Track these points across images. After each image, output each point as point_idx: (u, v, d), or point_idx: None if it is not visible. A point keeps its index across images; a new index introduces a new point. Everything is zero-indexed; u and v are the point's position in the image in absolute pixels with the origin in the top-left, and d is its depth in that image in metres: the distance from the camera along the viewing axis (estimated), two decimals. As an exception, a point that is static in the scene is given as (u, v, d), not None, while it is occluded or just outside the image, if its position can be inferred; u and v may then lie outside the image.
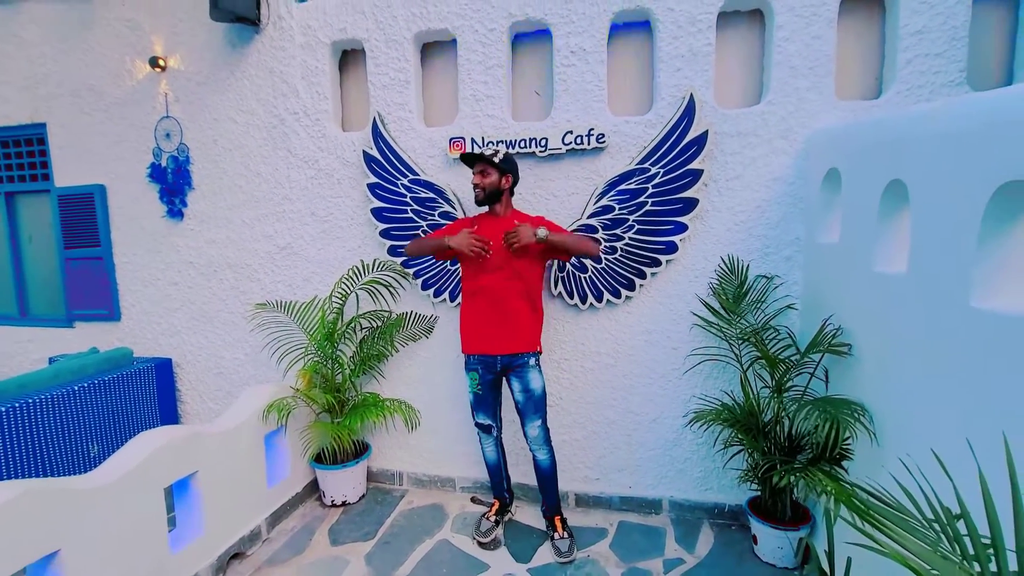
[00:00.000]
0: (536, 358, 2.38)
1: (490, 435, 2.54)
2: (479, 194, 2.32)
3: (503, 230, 2.27)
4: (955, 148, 1.41)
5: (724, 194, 2.50)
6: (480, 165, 2.31)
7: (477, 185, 2.31)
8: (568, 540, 2.42)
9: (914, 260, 1.59)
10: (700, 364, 2.57)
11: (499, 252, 2.29)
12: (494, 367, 2.37)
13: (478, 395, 2.45)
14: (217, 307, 3.30)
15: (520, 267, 2.30)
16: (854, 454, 1.95)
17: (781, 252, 2.47)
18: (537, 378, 2.36)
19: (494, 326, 2.33)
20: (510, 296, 2.31)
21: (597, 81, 2.55)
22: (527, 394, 2.36)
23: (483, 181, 2.30)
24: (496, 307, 2.32)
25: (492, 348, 2.34)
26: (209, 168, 3.18)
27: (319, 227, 3.02)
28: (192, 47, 3.12)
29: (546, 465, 2.45)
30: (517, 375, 2.36)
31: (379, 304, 2.93)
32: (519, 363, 2.35)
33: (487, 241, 2.25)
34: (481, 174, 2.30)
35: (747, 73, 2.55)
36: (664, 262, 2.55)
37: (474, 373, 2.42)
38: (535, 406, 2.38)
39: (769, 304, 2.45)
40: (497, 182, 2.32)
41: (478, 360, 2.40)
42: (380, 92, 2.82)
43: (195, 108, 3.16)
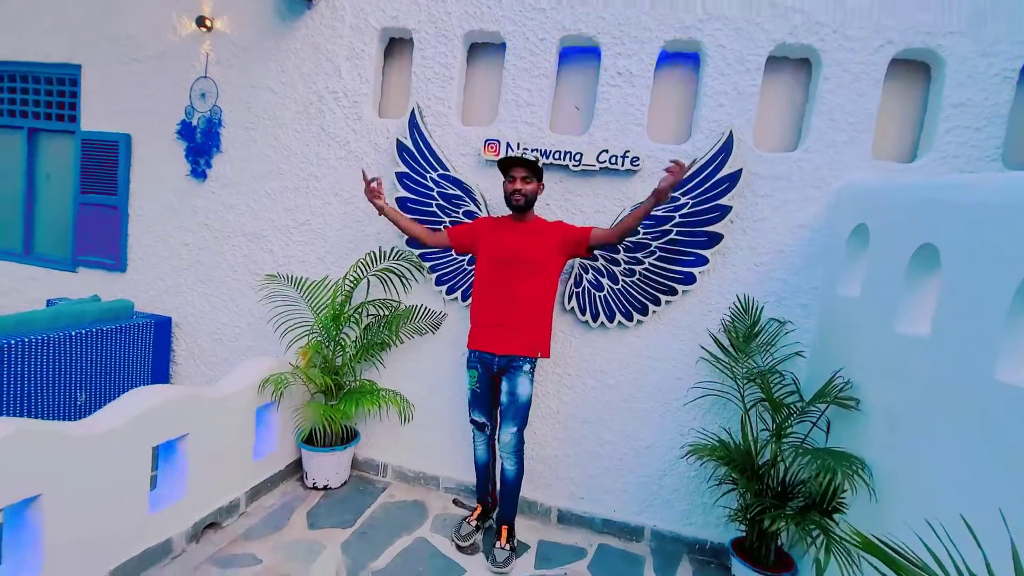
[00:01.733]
0: (531, 364, 2.36)
1: (483, 433, 2.54)
2: (520, 200, 2.30)
3: (531, 234, 2.31)
4: (993, 220, 1.42)
5: (749, 233, 2.51)
6: (524, 170, 2.29)
7: (519, 191, 2.29)
8: (508, 552, 2.38)
9: (939, 325, 1.60)
10: (702, 397, 2.56)
11: (514, 250, 2.30)
12: (491, 366, 2.38)
13: (476, 392, 2.46)
14: (225, 273, 3.27)
15: (535, 265, 2.30)
16: (848, 508, 1.95)
17: (798, 299, 2.48)
18: (525, 385, 2.35)
19: (496, 325, 2.34)
20: (519, 297, 2.31)
21: (639, 105, 2.56)
22: (511, 398, 2.35)
23: (526, 187, 2.29)
24: (502, 306, 2.33)
25: (492, 346, 2.35)
26: (240, 134, 3.17)
27: (342, 208, 3.00)
28: (241, 11, 3.11)
29: (511, 476, 2.43)
30: (508, 377, 2.36)
31: (390, 293, 2.90)
32: (514, 365, 2.34)
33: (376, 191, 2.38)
34: (524, 180, 2.29)
35: (787, 119, 2.57)
36: (680, 292, 2.55)
37: (474, 371, 2.44)
38: (515, 412, 2.35)
39: (778, 348, 2.45)
40: (536, 189, 2.33)
41: (478, 358, 2.41)
42: (422, 84, 2.82)
43: (235, 72, 3.15)
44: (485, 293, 2.38)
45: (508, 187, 2.32)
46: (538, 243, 2.32)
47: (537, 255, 2.31)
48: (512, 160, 2.28)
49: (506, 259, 2.31)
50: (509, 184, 2.31)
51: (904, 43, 2.29)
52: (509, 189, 2.31)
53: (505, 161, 2.31)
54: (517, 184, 2.29)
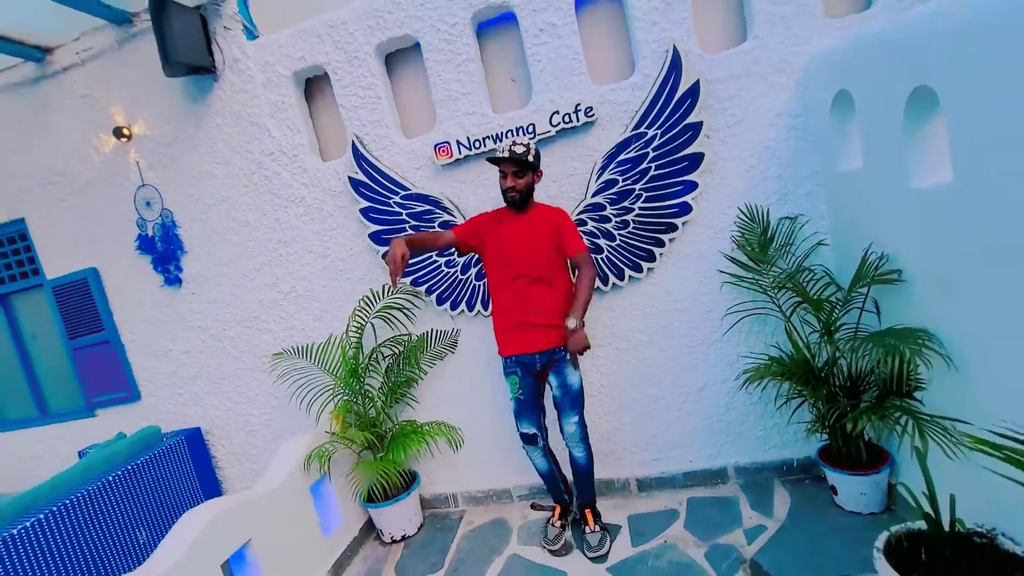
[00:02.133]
0: None
1: (536, 446, 2.39)
2: (514, 196, 2.17)
3: (529, 227, 2.21)
4: (987, 39, 1.28)
5: (728, 143, 2.38)
6: (513, 165, 2.15)
7: (512, 188, 2.16)
8: (600, 533, 2.34)
9: (960, 167, 1.46)
10: (739, 322, 2.45)
11: (518, 247, 2.19)
12: (533, 366, 2.27)
13: (520, 400, 2.33)
14: (234, 366, 3.21)
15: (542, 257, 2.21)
16: (928, 383, 1.83)
17: (800, 189, 2.35)
18: (574, 373, 2.27)
19: (524, 324, 2.23)
20: (538, 291, 2.21)
21: (573, 54, 2.43)
22: (564, 389, 2.27)
23: (519, 183, 2.16)
24: (524, 304, 2.22)
25: (528, 347, 2.24)
26: (197, 228, 3.09)
27: (320, 264, 2.92)
28: (153, 109, 3.02)
29: (583, 461, 2.36)
30: (555, 372, 2.27)
31: (397, 329, 2.83)
32: (557, 357, 2.24)
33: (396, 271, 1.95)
34: (515, 175, 2.15)
35: (727, 14, 2.42)
36: (680, 225, 2.44)
37: (514, 377, 2.31)
38: (572, 401, 2.28)
39: (798, 245, 2.34)
40: (531, 180, 2.20)
41: (516, 362, 2.29)
42: (353, 113, 2.71)
43: (170, 171, 3.07)
44: (503, 294, 2.27)
45: (502, 183, 2.19)
46: (538, 236, 2.21)
47: (541, 248, 2.21)
48: (500, 158, 2.15)
49: (512, 258, 2.20)
50: (502, 180, 2.18)
51: None
52: (503, 186, 2.18)
53: (492, 162, 2.18)
54: (508, 180, 2.16)
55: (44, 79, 3.16)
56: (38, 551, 2.37)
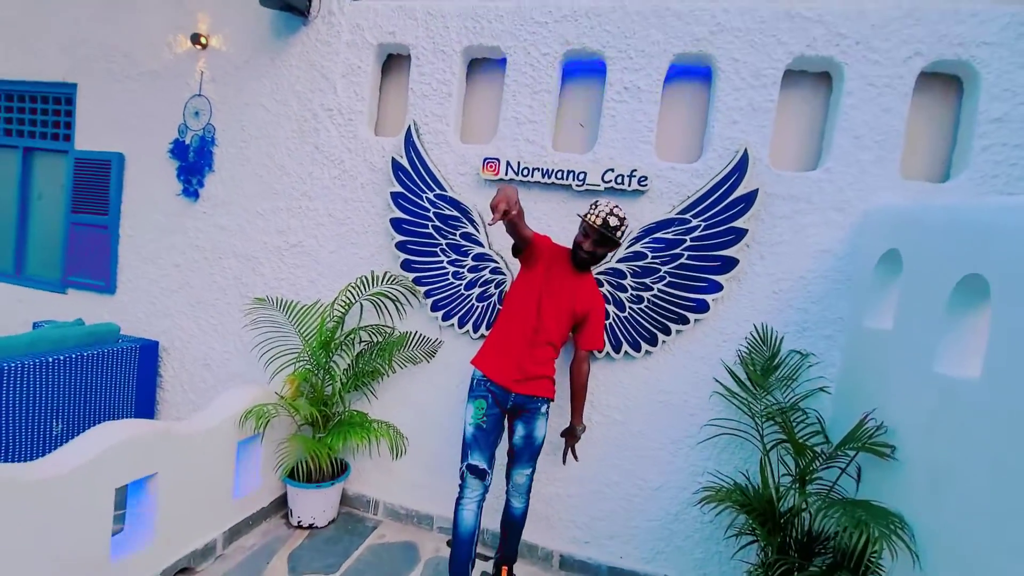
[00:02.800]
0: (548, 405, 2.22)
1: (482, 482, 2.14)
2: (584, 259, 2.15)
3: (580, 288, 2.19)
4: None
5: (767, 259, 2.33)
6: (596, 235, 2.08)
7: (589, 253, 2.13)
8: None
9: (991, 367, 1.39)
10: (717, 436, 2.35)
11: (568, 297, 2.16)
12: (505, 402, 2.17)
13: (481, 429, 2.12)
14: (215, 295, 3.14)
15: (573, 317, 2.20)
16: (887, 572, 1.72)
17: (821, 330, 2.29)
18: (543, 427, 2.20)
19: (520, 367, 2.14)
20: (548, 338, 2.17)
21: (647, 122, 2.42)
22: (528, 440, 2.19)
23: (597, 252, 2.13)
24: (531, 342, 2.15)
25: (510, 382, 2.15)
26: (232, 153, 3.07)
27: (335, 229, 2.88)
28: (236, 29, 3.04)
29: (519, 513, 2.28)
30: (524, 420, 2.18)
31: (383, 319, 2.76)
32: (532, 407, 2.17)
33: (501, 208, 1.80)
34: (595, 243, 2.11)
35: (807, 137, 2.41)
36: (692, 320, 2.38)
37: (482, 401, 2.14)
38: (531, 454, 2.21)
39: (800, 383, 2.26)
40: (604, 256, 2.21)
41: (491, 387, 2.16)
42: (419, 101, 2.71)
43: (229, 90, 3.07)
44: (520, 319, 2.16)
45: (580, 239, 2.14)
46: (585, 304, 2.20)
47: (581, 314, 2.20)
48: (598, 227, 2.05)
49: (559, 304, 2.15)
50: (582, 238, 2.12)
51: (934, 55, 2.13)
52: (579, 242, 2.14)
53: (595, 220, 2.06)
54: (587, 246, 2.11)
55: (147, -36, 3.21)
56: (-51, 407, 2.27)
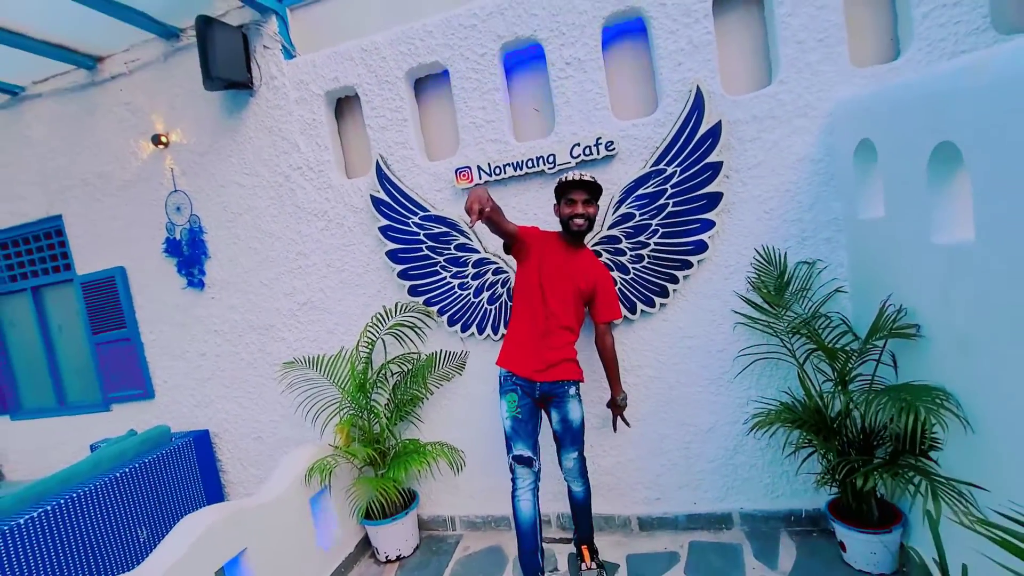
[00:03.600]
0: (577, 387, 2.25)
1: (531, 469, 2.17)
2: (582, 225, 2.15)
3: (578, 270, 2.20)
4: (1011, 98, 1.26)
5: (748, 183, 2.36)
6: (585, 193, 2.13)
7: (582, 215, 2.13)
8: (596, 571, 2.31)
9: (983, 225, 1.43)
10: (751, 365, 2.40)
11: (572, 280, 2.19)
12: (532, 392, 2.22)
13: (517, 420, 2.18)
14: (246, 372, 3.25)
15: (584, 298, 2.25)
16: (944, 443, 1.76)
17: (820, 235, 2.32)
18: (576, 408, 2.23)
19: (538, 349, 2.19)
20: (563, 323, 2.20)
21: (597, 88, 2.46)
22: (566, 424, 2.22)
23: (588, 210, 2.15)
24: (546, 330, 2.19)
25: (533, 373, 2.20)
26: (222, 235, 3.17)
27: (337, 278, 2.96)
28: (191, 120, 3.13)
29: (581, 497, 2.33)
30: (556, 405, 2.23)
31: (407, 347, 2.84)
32: (559, 392, 2.21)
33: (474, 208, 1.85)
34: (585, 203, 2.14)
35: (753, 56, 2.43)
36: (695, 263, 2.42)
37: (512, 395, 2.20)
38: (573, 437, 2.23)
39: (815, 291, 2.30)
40: (596, 212, 2.22)
41: (516, 381, 2.23)
42: (379, 134, 2.77)
43: (201, 179, 3.17)
44: (528, 312, 2.22)
45: (566, 210, 2.15)
46: (589, 279, 2.22)
47: (588, 290, 2.23)
48: (571, 184, 2.11)
49: (552, 295, 2.17)
50: (567, 207, 2.14)
51: (850, -59, 2.13)
52: (568, 212, 2.14)
53: (565, 183, 2.13)
54: (579, 208, 2.12)
55: (92, 86, 3.31)
56: (43, 542, 2.41)
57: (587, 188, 2.12)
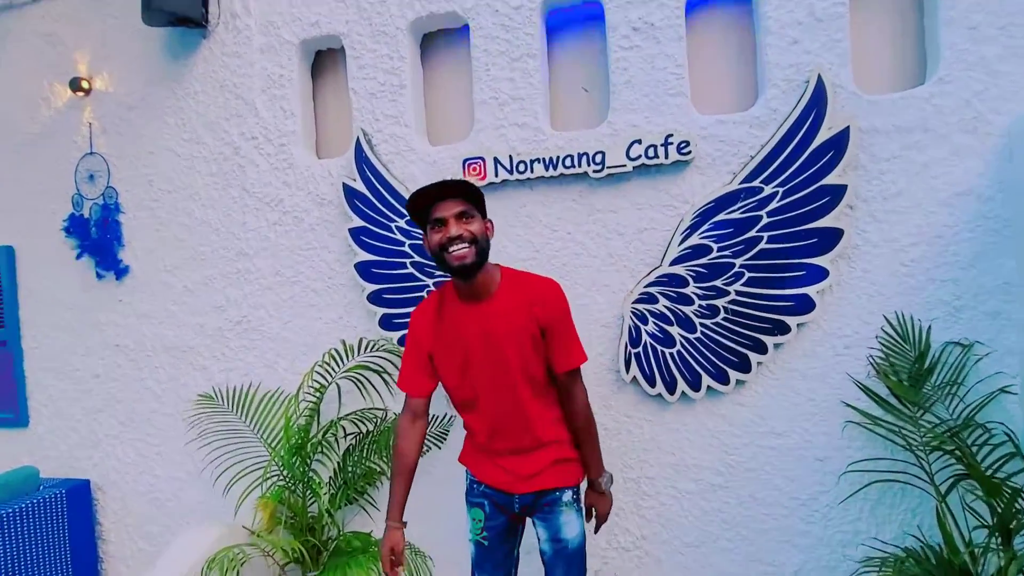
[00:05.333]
0: (574, 492, 1.91)
1: None
2: (465, 255, 1.66)
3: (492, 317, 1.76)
4: None
5: (882, 221, 2.16)
6: (457, 204, 1.69)
7: (460, 239, 1.66)
8: None
9: None
10: (866, 487, 2.13)
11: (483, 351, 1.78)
12: (509, 506, 1.91)
13: (481, 546, 1.95)
14: (150, 406, 3.06)
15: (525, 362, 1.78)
16: None
17: (982, 306, 2.09)
18: (574, 523, 1.88)
19: (504, 452, 1.87)
20: (522, 409, 1.82)
21: (674, 67, 2.30)
22: (558, 545, 1.89)
23: (469, 229, 1.68)
24: (504, 425, 1.85)
25: (505, 483, 1.88)
26: (143, 217, 3.03)
27: (287, 292, 2.79)
28: (122, 62, 3.03)
29: None
30: (543, 519, 1.90)
31: (370, 400, 2.63)
32: (547, 500, 1.88)
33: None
34: (460, 219, 1.68)
35: (900, 42, 2.26)
36: (794, 327, 2.20)
37: (478, 510, 1.95)
38: (568, 563, 1.89)
39: (970, 388, 2.07)
40: (485, 229, 1.74)
41: (484, 492, 1.94)
42: (366, 102, 2.63)
43: (126, 140, 3.05)
44: (479, 421, 1.90)
45: (435, 237, 1.70)
46: (518, 320, 1.77)
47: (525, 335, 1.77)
48: (431, 192, 1.69)
49: (470, 370, 1.82)
50: (436, 233, 1.70)
51: None
52: (438, 240, 1.69)
53: (418, 199, 1.70)
54: (451, 228, 1.67)
55: (9, 8, 3.24)
56: None
57: (455, 194, 1.70)
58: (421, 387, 1.89)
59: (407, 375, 1.91)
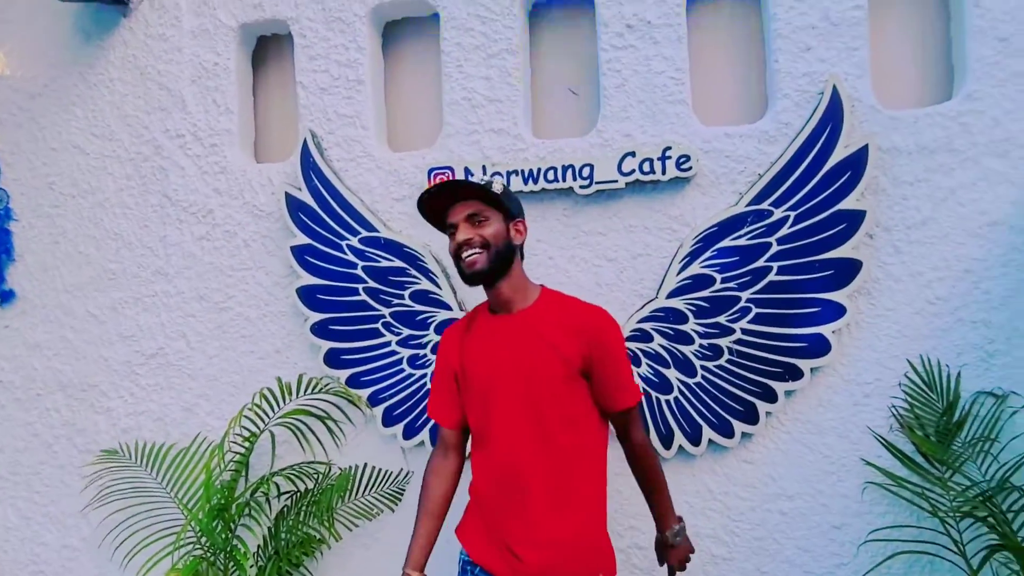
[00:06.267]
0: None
1: None
2: (477, 261, 1.69)
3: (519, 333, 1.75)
4: None
5: (904, 252, 2.21)
6: (471, 205, 1.71)
7: (468, 244, 1.69)
8: None
9: None
10: (890, 559, 2.13)
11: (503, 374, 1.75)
12: None
13: None
14: (39, 457, 2.92)
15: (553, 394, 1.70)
16: None
17: (1017, 350, 2.15)
18: None
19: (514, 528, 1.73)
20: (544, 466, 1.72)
21: (673, 71, 2.33)
22: None
23: (480, 233, 1.69)
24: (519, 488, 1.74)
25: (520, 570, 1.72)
26: (40, 226, 2.94)
27: (213, 320, 2.73)
28: (26, 41, 2.97)
29: None
30: None
31: (311, 451, 2.58)
32: None
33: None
34: (473, 221, 1.70)
35: (924, 53, 2.35)
36: (807, 371, 2.22)
37: None
38: None
39: (1005, 444, 2.11)
40: (505, 232, 1.73)
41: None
42: (316, 98, 2.62)
43: (24, 134, 2.97)
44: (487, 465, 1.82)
45: (451, 246, 1.76)
46: (549, 345, 1.72)
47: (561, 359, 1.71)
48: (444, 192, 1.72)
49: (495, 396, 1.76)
50: (452, 240, 1.76)
51: None
52: (452, 249, 1.75)
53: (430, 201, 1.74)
54: (461, 232, 1.70)
55: None
56: None
57: (468, 196, 1.72)
58: (451, 415, 1.88)
59: (435, 401, 1.93)
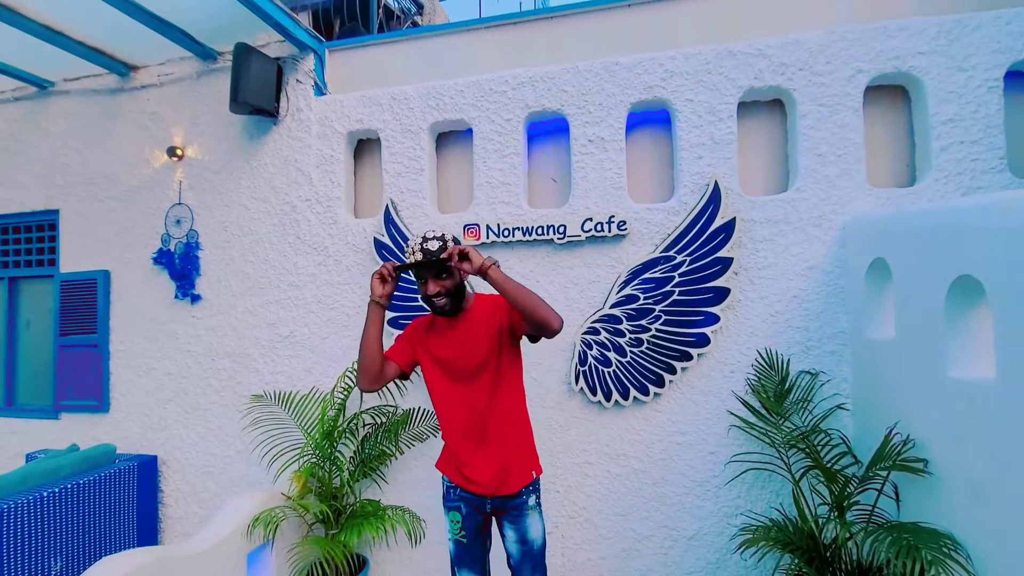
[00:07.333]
0: (536, 494, 1.82)
1: None
2: (444, 305, 1.71)
3: (465, 332, 1.76)
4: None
5: (757, 283, 2.33)
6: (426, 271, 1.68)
7: (438, 295, 1.69)
8: None
9: (1005, 367, 1.36)
10: (743, 473, 2.26)
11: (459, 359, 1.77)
12: (482, 507, 1.82)
13: (461, 544, 1.83)
14: (211, 399, 3.05)
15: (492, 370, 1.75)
16: (949, 598, 1.60)
17: (825, 346, 2.26)
18: (537, 524, 1.80)
19: (480, 465, 1.76)
20: (492, 415, 1.77)
21: (616, 169, 2.48)
22: (524, 547, 1.79)
23: (443, 286, 1.69)
24: (477, 430, 1.77)
25: (479, 486, 1.77)
26: (217, 254, 3.08)
27: (325, 315, 2.85)
28: (210, 137, 3.12)
29: None
30: (511, 520, 1.79)
31: (385, 398, 2.69)
32: (514, 504, 1.78)
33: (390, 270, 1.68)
34: (436, 279, 1.69)
35: (772, 161, 2.47)
36: (695, 356, 2.34)
37: (455, 513, 1.84)
38: (534, 562, 1.79)
39: (816, 404, 2.21)
40: (459, 278, 1.73)
41: (461, 495, 1.83)
42: (394, 179, 2.76)
43: (208, 195, 3.11)
44: (449, 414, 1.81)
45: (422, 291, 1.74)
46: (481, 340, 1.76)
47: (482, 346, 1.76)
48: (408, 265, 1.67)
49: (456, 372, 1.79)
50: (422, 288, 1.74)
51: (875, 70, 2.23)
52: (424, 294, 1.74)
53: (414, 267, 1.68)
54: (431, 286, 1.70)
55: (121, 92, 3.32)
56: (-62, 564, 2.14)
57: (427, 265, 1.67)
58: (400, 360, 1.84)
59: (394, 350, 1.87)
